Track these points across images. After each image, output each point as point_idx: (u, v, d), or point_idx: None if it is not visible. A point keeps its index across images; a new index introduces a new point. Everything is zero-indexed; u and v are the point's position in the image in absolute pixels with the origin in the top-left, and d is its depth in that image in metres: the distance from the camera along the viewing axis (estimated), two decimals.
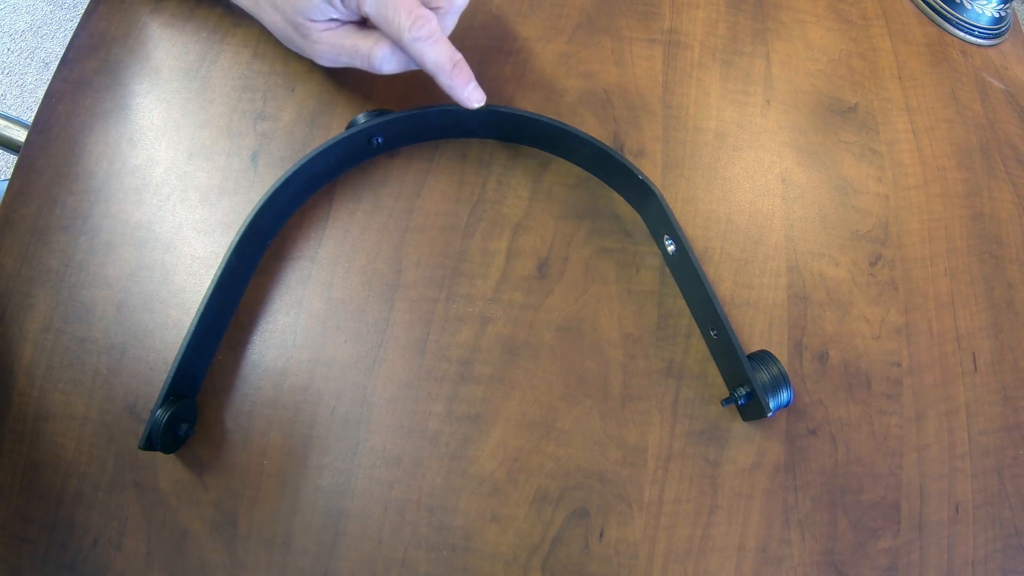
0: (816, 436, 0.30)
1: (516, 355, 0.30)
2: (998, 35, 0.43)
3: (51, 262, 0.31)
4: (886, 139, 0.36)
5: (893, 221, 0.34)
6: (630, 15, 0.37)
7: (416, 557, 0.27)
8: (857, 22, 0.40)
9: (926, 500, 0.30)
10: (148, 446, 0.26)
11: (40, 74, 1.31)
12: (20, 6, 1.37)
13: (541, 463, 0.28)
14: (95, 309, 0.30)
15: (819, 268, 0.33)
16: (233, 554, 0.27)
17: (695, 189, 0.33)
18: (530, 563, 0.27)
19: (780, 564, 0.28)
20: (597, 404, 0.29)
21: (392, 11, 0.27)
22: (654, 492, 0.28)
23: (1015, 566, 0.29)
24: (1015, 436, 0.31)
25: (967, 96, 0.39)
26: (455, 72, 0.29)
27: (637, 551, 0.28)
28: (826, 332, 0.31)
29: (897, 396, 0.31)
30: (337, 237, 0.31)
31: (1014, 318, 0.34)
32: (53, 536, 0.28)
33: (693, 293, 0.30)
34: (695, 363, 0.30)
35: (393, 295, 0.31)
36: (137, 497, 0.28)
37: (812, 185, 0.34)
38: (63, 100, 0.34)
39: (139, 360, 0.30)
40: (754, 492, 0.29)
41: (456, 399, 0.29)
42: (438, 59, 0.29)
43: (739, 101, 0.36)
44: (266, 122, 0.33)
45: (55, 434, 0.29)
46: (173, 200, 0.32)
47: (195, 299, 0.30)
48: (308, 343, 0.30)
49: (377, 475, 0.28)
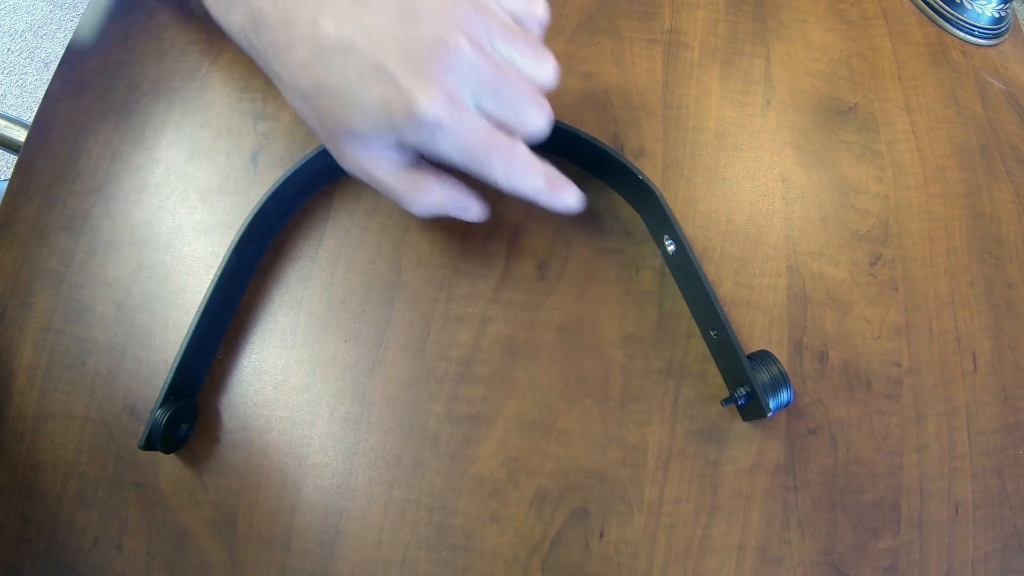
0: (816, 436, 0.30)
1: (516, 355, 0.30)
2: (998, 35, 0.43)
3: (51, 262, 0.31)
4: (886, 139, 0.36)
5: (893, 221, 0.34)
6: (630, 15, 0.37)
7: (416, 557, 0.27)
8: (857, 22, 0.40)
9: (926, 500, 0.30)
10: (148, 446, 0.26)
11: (40, 74, 1.32)
12: (20, 6, 1.37)
13: (541, 463, 0.28)
14: (95, 309, 0.30)
15: (819, 268, 0.33)
16: (233, 554, 0.27)
17: (695, 189, 0.34)
18: (530, 563, 0.27)
19: (780, 564, 0.28)
20: (597, 404, 0.29)
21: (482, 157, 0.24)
22: (654, 492, 0.28)
23: (1015, 566, 0.29)
24: (1015, 436, 0.31)
25: (967, 96, 0.39)
26: (555, 195, 0.27)
27: (637, 551, 0.28)
28: (826, 332, 0.31)
29: (897, 396, 0.31)
30: (337, 237, 0.31)
31: (1014, 318, 0.34)
32: (53, 536, 0.28)
33: (693, 293, 0.30)
34: (695, 363, 0.30)
35: (393, 295, 0.31)
36: (137, 497, 0.28)
37: (812, 185, 0.34)
38: (63, 100, 0.34)
39: (139, 360, 0.30)
40: (754, 492, 0.29)
41: (456, 399, 0.29)
42: (537, 186, 0.26)
43: (739, 101, 0.36)
44: (266, 122, 0.33)
45: (55, 434, 0.29)
46: (173, 200, 0.32)
47: (195, 299, 0.30)
48: (308, 343, 0.30)
49: (377, 475, 0.28)
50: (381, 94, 0.23)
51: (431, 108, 0.23)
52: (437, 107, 0.23)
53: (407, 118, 0.23)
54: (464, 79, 0.24)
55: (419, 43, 0.23)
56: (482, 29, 0.24)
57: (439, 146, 0.24)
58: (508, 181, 0.26)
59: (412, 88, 0.23)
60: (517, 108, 0.25)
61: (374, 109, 0.24)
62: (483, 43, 0.24)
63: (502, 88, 0.24)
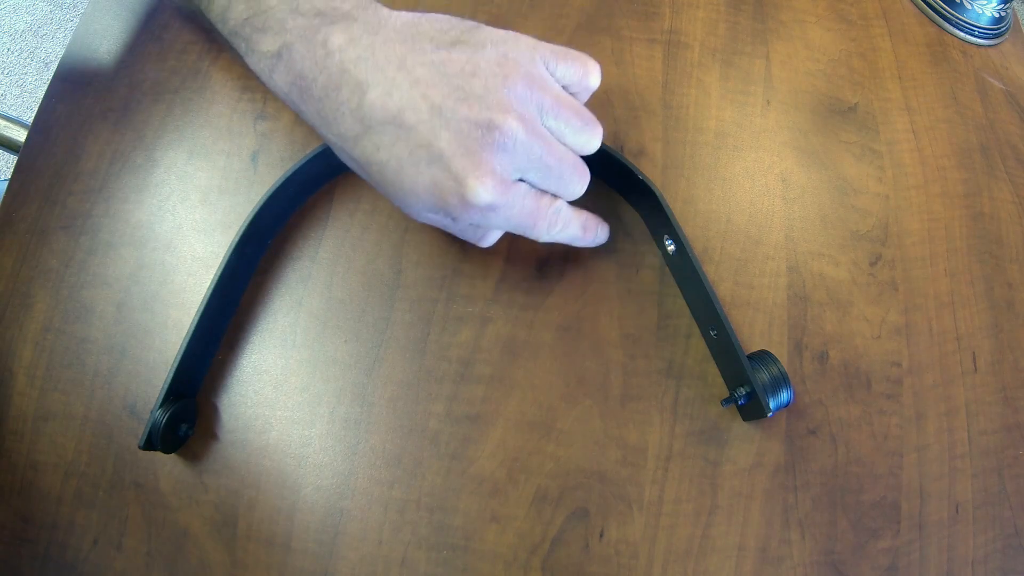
0: (816, 436, 0.30)
1: (516, 355, 0.30)
2: (998, 35, 0.43)
3: (51, 262, 0.31)
4: (886, 139, 0.36)
5: (893, 221, 0.34)
6: (630, 15, 0.37)
7: (416, 557, 0.27)
8: (857, 22, 0.40)
9: (926, 500, 0.30)
10: (148, 446, 0.26)
11: (40, 74, 1.31)
12: (20, 6, 1.37)
13: (541, 463, 0.28)
14: (95, 309, 0.30)
15: (819, 268, 0.33)
16: (233, 554, 0.27)
17: (695, 189, 0.33)
18: (530, 563, 0.27)
19: (780, 564, 0.28)
20: (597, 404, 0.29)
21: (528, 225, 0.26)
22: (654, 492, 0.28)
23: (1015, 566, 0.29)
24: (1015, 436, 0.31)
25: (967, 96, 0.39)
26: (588, 236, 0.29)
27: (637, 551, 0.28)
28: (826, 332, 0.31)
29: (897, 396, 0.31)
30: (337, 237, 0.31)
31: (1014, 318, 0.34)
32: (53, 536, 0.28)
33: (693, 293, 0.30)
34: (695, 363, 0.30)
35: (393, 295, 0.31)
36: (137, 497, 0.28)
37: (812, 185, 0.34)
38: (63, 100, 0.34)
39: (139, 360, 0.30)
40: (754, 492, 0.29)
41: (456, 399, 0.29)
42: (574, 236, 0.28)
43: (739, 101, 0.36)
44: (266, 122, 0.33)
45: (55, 434, 0.29)
46: (173, 200, 0.32)
47: (195, 299, 0.30)
48: (308, 343, 0.30)
49: (377, 475, 0.28)
50: (433, 178, 0.23)
51: (485, 196, 0.23)
52: (491, 194, 0.23)
53: (460, 204, 0.23)
54: (515, 161, 0.24)
55: (471, 124, 0.23)
56: (534, 107, 0.24)
57: (490, 223, 0.25)
58: (548, 238, 0.27)
59: (465, 175, 0.23)
60: (562, 180, 0.26)
61: (426, 192, 0.24)
62: (535, 121, 0.24)
63: (550, 164, 0.25)
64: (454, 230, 0.28)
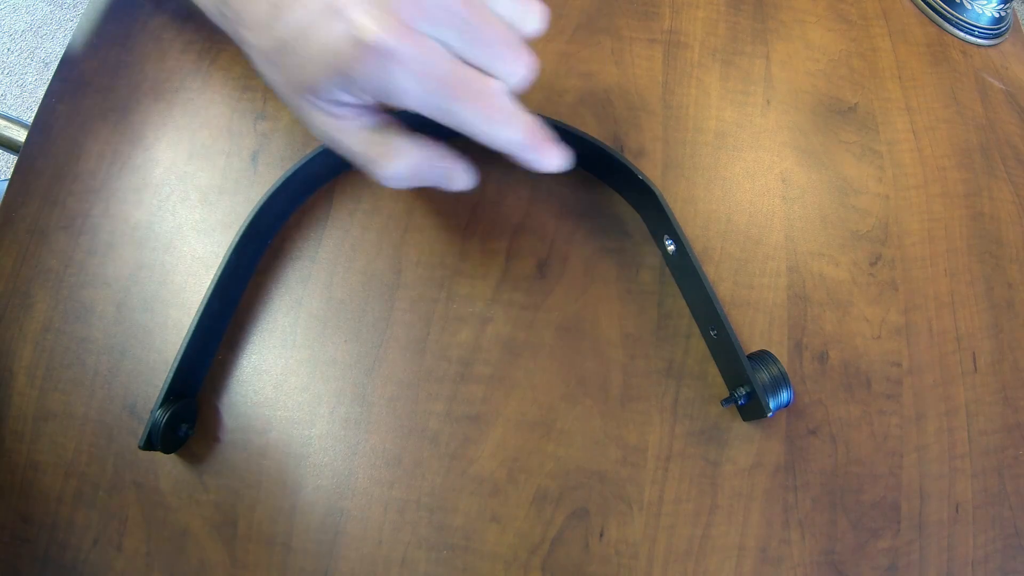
0: (816, 436, 0.30)
1: (516, 355, 0.30)
2: (998, 35, 0.43)
3: (51, 262, 0.31)
4: (886, 139, 0.36)
5: (893, 221, 0.34)
6: (630, 15, 0.37)
7: (416, 557, 0.27)
8: (857, 22, 0.40)
9: (926, 500, 0.30)
10: (148, 446, 0.26)
11: (40, 74, 1.32)
12: (20, 6, 1.38)
13: (541, 463, 0.28)
14: (95, 309, 0.30)
15: (819, 268, 0.33)
16: (233, 554, 0.27)
17: (695, 189, 0.34)
18: (530, 563, 0.27)
19: (780, 564, 0.28)
20: (597, 404, 0.29)
21: (448, 95, 0.21)
22: (654, 492, 0.28)
23: (1015, 566, 0.29)
24: (1015, 436, 0.31)
25: (967, 96, 0.39)
26: (534, 147, 0.23)
27: (637, 551, 0.28)
28: (826, 332, 0.31)
29: (897, 396, 0.31)
30: (337, 237, 0.31)
31: (1014, 318, 0.34)
32: (53, 536, 0.28)
33: (693, 293, 0.30)
34: (695, 363, 0.30)
35: (393, 295, 0.31)
36: (137, 497, 0.28)
37: (812, 185, 0.34)
38: (63, 100, 0.34)
39: (139, 360, 0.30)
40: (754, 492, 0.29)
41: (456, 399, 0.29)
42: (514, 138, 0.23)
43: (739, 101, 0.36)
44: (266, 122, 0.33)
45: (55, 434, 0.29)
46: (173, 200, 0.32)
47: (195, 299, 0.30)
48: (308, 343, 0.30)
49: (377, 475, 0.28)
50: (331, 32, 0.20)
51: (378, 34, 0.20)
52: (385, 33, 0.20)
53: (354, 50, 0.20)
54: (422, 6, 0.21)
55: None
56: None
57: (397, 83, 0.21)
58: (482, 128, 0.22)
59: (361, 18, 0.20)
60: (490, 50, 0.22)
61: (324, 51, 0.21)
62: None
63: (472, 23, 0.21)
64: (359, 149, 0.24)
